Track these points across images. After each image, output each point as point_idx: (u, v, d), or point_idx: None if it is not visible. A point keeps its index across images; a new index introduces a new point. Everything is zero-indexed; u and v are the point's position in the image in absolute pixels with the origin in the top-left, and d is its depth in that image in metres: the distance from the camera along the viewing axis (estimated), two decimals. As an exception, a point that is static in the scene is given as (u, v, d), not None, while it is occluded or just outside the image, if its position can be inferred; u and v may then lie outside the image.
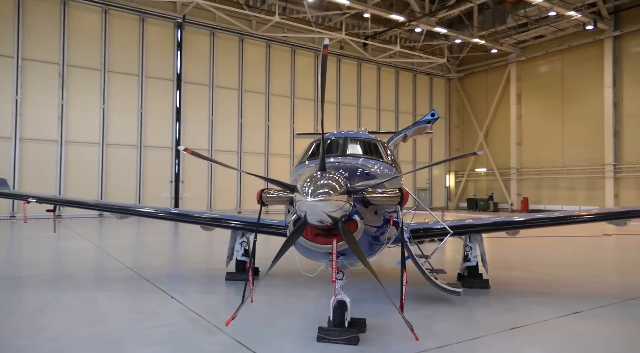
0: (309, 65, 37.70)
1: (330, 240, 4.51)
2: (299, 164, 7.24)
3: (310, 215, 4.18)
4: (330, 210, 4.16)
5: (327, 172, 4.38)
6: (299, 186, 4.28)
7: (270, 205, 4.96)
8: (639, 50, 33.23)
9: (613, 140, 33.68)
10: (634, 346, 5.43)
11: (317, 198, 4.09)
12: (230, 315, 6.70)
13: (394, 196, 4.64)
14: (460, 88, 45.66)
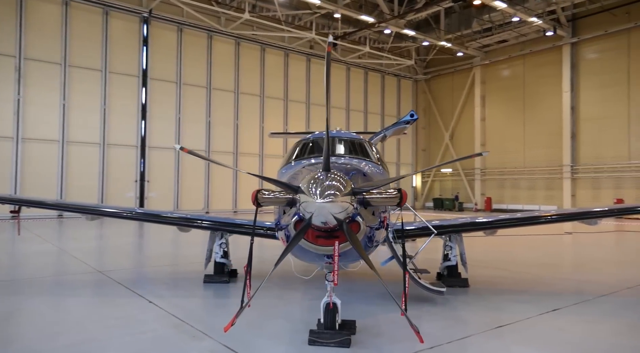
0: (279, 64, 37.44)
1: (332, 242, 4.44)
2: (287, 165, 7.13)
3: (317, 217, 4.09)
4: (337, 211, 4.08)
5: (332, 173, 4.31)
6: (304, 187, 4.18)
7: (265, 206, 4.83)
8: (594, 56, 34.86)
9: (570, 142, 35.18)
10: (615, 342, 5.62)
11: (326, 200, 4.01)
12: (220, 319, 6.55)
13: (393, 197, 4.62)
14: (427, 90, 46.53)
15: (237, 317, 4.30)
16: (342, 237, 4.48)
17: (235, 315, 4.33)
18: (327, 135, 4.54)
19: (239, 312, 4.39)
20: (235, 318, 4.29)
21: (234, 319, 4.28)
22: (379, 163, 7.02)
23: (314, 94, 39.25)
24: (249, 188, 33.13)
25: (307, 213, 4.16)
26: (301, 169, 5.65)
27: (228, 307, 7.42)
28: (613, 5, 31.96)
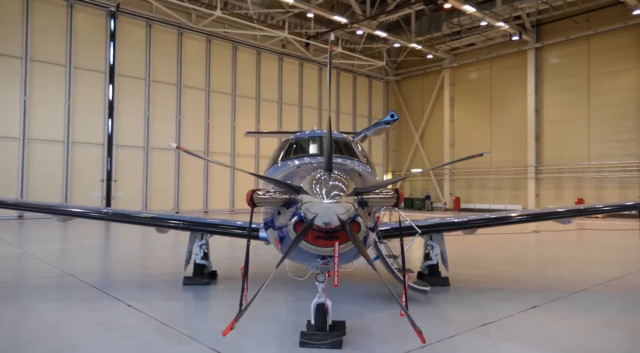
0: (251, 62, 37.08)
1: (332, 243, 4.40)
2: (274, 165, 7.05)
3: (322, 217, 4.03)
4: (342, 212, 4.05)
5: (334, 173, 4.27)
6: (307, 187, 4.12)
7: (261, 206, 4.73)
8: (556, 61, 36.22)
9: (535, 144, 36.42)
10: (594, 336, 5.83)
11: (333, 201, 3.96)
12: (205, 322, 6.40)
13: (390, 197, 4.63)
14: (397, 91, 47.13)
15: (236, 320, 4.20)
16: (342, 238, 4.45)
17: (234, 319, 4.23)
18: (329, 134, 4.48)
19: (238, 315, 4.29)
20: (234, 321, 4.19)
21: (233, 323, 4.18)
22: (366, 162, 7.05)
23: (287, 93, 39.09)
24: (220, 189, 32.69)
25: (310, 214, 4.11)
26: (295, 168, 5.56)
27: (212, 309, 7.28)
28: (574, 13, 33.25)
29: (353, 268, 7.01)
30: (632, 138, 32.13)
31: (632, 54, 32.23)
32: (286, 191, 4.61)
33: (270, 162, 7.47)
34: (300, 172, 5.17)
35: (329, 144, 4.42)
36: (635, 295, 8.27)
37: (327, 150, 4.40)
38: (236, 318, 4.20)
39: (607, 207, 9.68)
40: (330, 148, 4.42)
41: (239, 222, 8.73)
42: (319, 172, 4.33)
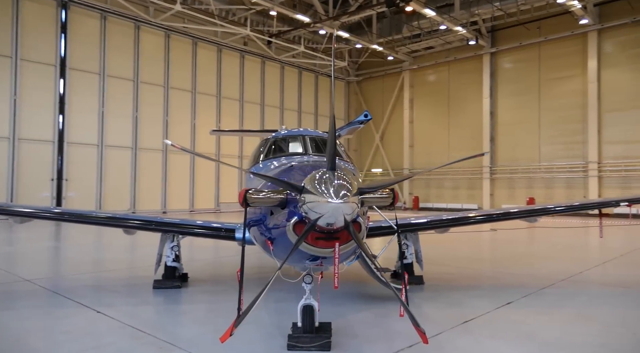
0: (212, 59, 36.29)
1: (333, 244, 4.31)
2: (256, 165, 6.88)
3: (328, 218, 3.93)
4: (349, 212, 3.97)
5: (338, 173, 4.19)
6: (311, 186, 4.01)
7: (255, 206, 4.57)
8: (509, 66, 37.78)
9: (490, 145, 37.80)
10: (569, 331, 6.06)
11: (342, 201, 3.87)
12: (184, 327, 6.14)
13: (386, 197, 4.58)
14: (358, 91, 47.60)
15: (235, 326, 4.04)
16: (342, 239, 4.38)
17: (232, 324, 4.06)
18: (332, 132, 4.38)
19: (237, 320, 4.12)
20: (233, 328, 4.02)
21: (232, 328, 4.01)
22: (350, 161, 7.02)
23: (248, 92, 38.56)
24: (179, 189, 31.82)
25: (313, 214, 4.00)
26: (287, 168, 5.40)
27: (188, 313, 7.01)
28: (527, 20, 34.75)
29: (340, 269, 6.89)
30: (578, 140, 33.97)
31: (578, 62, 34.08)
32: (280, 190, 4.48)
33: (252, 161, 7.30)
34: (295, 171, 5.03)
35: (332, 143, 4.34)
36: (596, 289, 8.70)
37: (329, 149, 4.32)
38: (235, 323, 4.04)
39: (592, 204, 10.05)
40: (334, 147, 4.34)
41: (215, 223, 8.48)
42: (321, 171, 4.24)
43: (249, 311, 4.07)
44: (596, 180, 32.62)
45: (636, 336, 5.88)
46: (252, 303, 4.16)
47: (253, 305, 4.12)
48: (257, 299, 4.15)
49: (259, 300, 4.19)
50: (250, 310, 4.09)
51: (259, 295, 4.18)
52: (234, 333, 4.06)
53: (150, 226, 8.31)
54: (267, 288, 4.19)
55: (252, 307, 4.10)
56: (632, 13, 31.27)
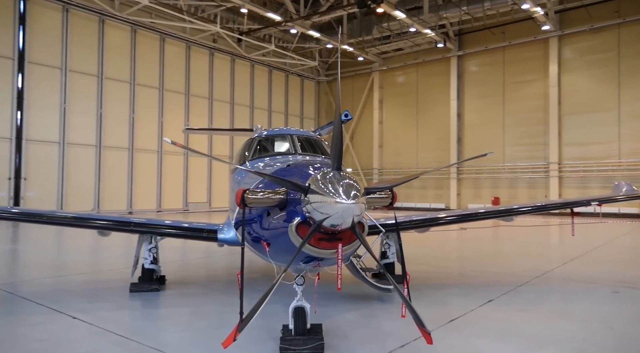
0: (180, 56, 35.48)
1: (336, 245, 4.25)
2: (242, 165, 6.72)
3: (337, 218, 3.85)
4: (359, 212, 3.91)
5: (344, 173, 4.12)
6: (317, 186, 3.92)
7: (253, 206, 4.43)
8: (475, 69, 38.80)
9: (457, 146, 38.70)
10: (552, 327, 6.24)
11: (353, 201, 3.80)
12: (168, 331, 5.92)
13: (386, 197, 4.54)
14: (328, 91, 47.73)
15: (239, 331, 3.90)
16: (345, 239, 4.32)
17: (236, 329, 3.92)
18: (338, 133, 4.30)
19: (241, 325, 3.98)
20: (237, 332, 3.88)
21: (235, 333, 3.87)
22: None
23: (218, 90, 37.94)
24: (145, 188, 30.98)
25: (319, 215, 3.91)
26: (285, 167, 5.25)
27: (171, 317, 6.77)
28: (492, 25, 35.80)
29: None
30: (540, 142, 35.24)
31: (540, 66, 35.37)
32: (279, 190, 4.37)
33: (238, 160, 7.14)
34: (293, 171, 4.91)
35: (340, 142, 4.28)
36: (569, 286, 9.00)
37: (336, 149, 4.26)
38: (238, 328, 3.90)
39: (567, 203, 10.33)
40: (341, 146, 4.28)
41: (199, 224, 8.26)
42: (326, 170, 4.18)
43: (254, 315, 3.95)
44: (557, 181, 33.95)
45: (614, 330, 6.11)
46: (257, 307, 4.03)
47: (257, 310, 4.01)
48: (261, 303, 4.03)
49: (261, 307, 4.06)
50: (255, 314, 3.97)
51: (263, 298, 4.05)
52: (237, 339, 3.93)
53: (128, 227, 8.00)
54: (272, 291, 4.06)
55: (256, 312, 3.98)
56: (590, 21, 32.72)
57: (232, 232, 7.88)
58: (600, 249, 14.34)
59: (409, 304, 4.38)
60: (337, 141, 4.30)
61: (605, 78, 32.61)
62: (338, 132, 4.36)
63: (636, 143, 31.19)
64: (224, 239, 7.93)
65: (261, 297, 4.15)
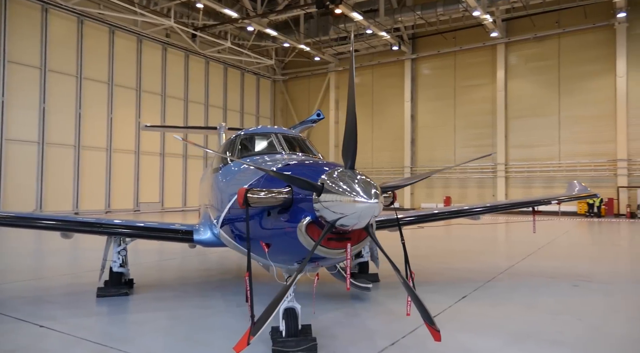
0: (131, 50, 34.05)
1: (344, 245, 4.21)
2: (226, 166, 6.52)
3: (353, 218, 3.80)
4: (377, 212, 3.88)
5: (357, 171, 4.09)
6: (333, 185, 3.85)
7: (256, 206, 4.29)
8: (428, 72, 40.04)
9: (410, 146, 39.76)
10: (526, 321, 6.54)
11: (375, 200, 3.75)
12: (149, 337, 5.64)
13: (387, 196, 4.57)
14: (284, 90, 47.51)
15: (253, 335, 3.76)
16: (354, 239, 4.30)
17: (248, 333, 3.78)
18: (352, 131, 4.23)
19: (253, 329, 3.84)
20: (250, 336, 3.74)
21: (249, 337, 3.73)
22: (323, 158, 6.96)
23: (171, 86, 36.77)
24: (92, 187, 29.50)
25: (334, 215, 3.85)
26: (284, 165, 5.06)
27: (149, 322, 6.46)
28: (444, 30, 37.07)
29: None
30: (488, 144, 36.89)
31: (488, 71, 37.04)
32: (285, 190, 4.27)
33: (220, 160, 6.93)
34: (297, 170, 4.76)
35: (355, 138, 4.24)
36: (531, 280, 9.46)
37: (350, 147, 4.22)
38: (251, 331, 3.77)
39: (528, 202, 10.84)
40: (355, 145, 4.24)
41: (173, 224, 7.95)
42: (339, 169, 4.14)
43: (269, 318, 3.83)
44: (504, 181, 35.68)
45: (583, 322, 6.49)
46: (271, 310, 3.91)
47: (272, 313, 3.89)
48: (276, 305, 3.92)
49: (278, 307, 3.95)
50: (270, 317, 3.85)
51: (278, 300, 3.93)
52: (250, 343, 3.81)
53: (98, 228, 7.57)
54: (286, 294, 3.94)
55: (271, 315, 3.86)
56: (534, 30, 34.64)
57: (209, 232, 7.66)
58: (550, 246, 15.20)
59: (420, 301, 4.39)
60: (352, 137, 4.25)
61: (547, 84, 34.66)
62: (353, 128, 4.30)
63: (574, 145, 33.38)
64: (201, 240, 7.70)
65: (275, 299, 4.01)
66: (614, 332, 6.15)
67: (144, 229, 7.76)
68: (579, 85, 33.34)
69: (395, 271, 4.46)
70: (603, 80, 32.40)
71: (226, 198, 5.76)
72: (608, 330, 6.22)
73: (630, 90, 31.25)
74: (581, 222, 26.92)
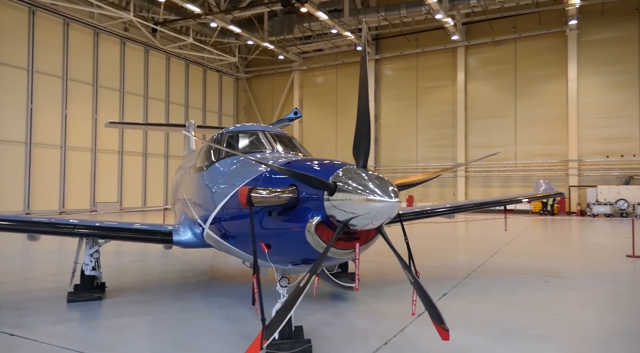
0: (87, 43, 32.55)
1: (353, 245, 4.15)
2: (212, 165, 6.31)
3: (371, 218, 3.72)
4: (395, 212, 3.82)
5: (371, 170, 4.03)
6: (348, 184, 3.77)
7: (260, 206, 4.15)
8: (391, 73, 40.68)
9: (374, 146, 40.24)
10: (508, 316, 6.73)
11: (397, 199, 3.68)
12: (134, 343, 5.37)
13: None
14: (248, 88, 46.92)
15: (266, 339, 3.62)
16: (362, 238, 4.24)
17: (260, 337, 3.64)
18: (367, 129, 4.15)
19: (266, 332, 3.70)
20: (263, 340, 3.60)
21: (262, 342, 3.59)
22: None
23: (130, 82, 35.43)
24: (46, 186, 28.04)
25: (346, 214, 3.77)
26: (284, 163, 4.91)
27: (130, 328, 6.16)
28: (407, 32, 37.77)
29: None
30: (448, 144, 37.91)
31: (449, 73, 38.06)
32: (290, 189, 4.15)
33: (205, 158, 6.70)
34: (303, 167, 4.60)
35: (367, 139, 4.18)
36: (506, 277, 9.76)
37: (363, 146, 4.16)
38: (264, 335, 3.63)
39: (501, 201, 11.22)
40: (368, 144, 4.19)
41: (150, 225, 7.62)
42: (351, 167, 4.08)
43: (283, 321, 3.71)
44: (464, 180, 36.78)
45: (560, 316, 6.75)
46: (285, 313, 3.78)
47: (287, 316, 3.76)
48: (290, 308, 3.79)
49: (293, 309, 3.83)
50: (285, 320, 3.74)
51: (293, 302, 3.80)
52: (264, 348, 3.68)
53: (71, 230, 7.15)
54: (303, 294, 3.82)
55: (285, 317, 3.74)
56: (492, 34, 35.87)
57: (190, 233, 7.42)
58: (514, 243, 15.77)
59: (430, 300, 4.39)
60: (366, 136, 4.20)
61: (504, 87, 36.01)
62: (366, 126, 4.24)
63: (529, 146, 34.84)
64: (181, 241, 7.43)
65: (289, 301, 3.86)
66: (589, 325, 6.44)
67: (119, 230, 7.41)
68: (533, 88, 34.84)
69: (405, 270, 4.43)
70: (556, 84, 34.01)
71: (218, 197, 5.56)
72: (584, 323, 6.51)
73: (580, 94, 32.97)
74: (536, 219, 28.14)
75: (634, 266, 11.23)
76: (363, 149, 4.19)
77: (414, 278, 4.40)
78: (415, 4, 33.68)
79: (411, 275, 4.40)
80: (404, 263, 4.41)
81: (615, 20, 32.35)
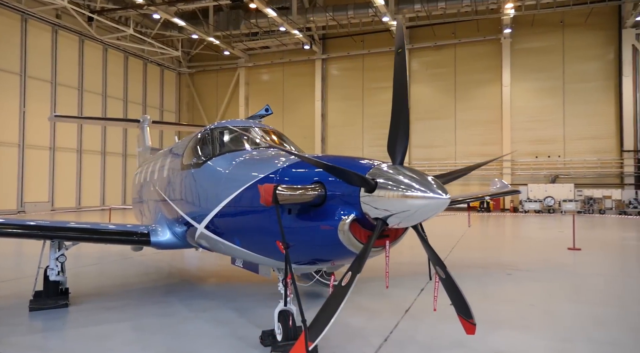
0: (14, 29, 29.88)
1: (383, 242, 4.09)
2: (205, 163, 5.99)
3: (414, 216, 3.66)
4: (442, 209, 3.78)
5: (407, 167, 3.99)
6: (390, 181, 3.70)
7: (286, 203, 3.98)
8: (338, 73, 41.16)
9: (321, 145, 40.51)
10: (493, 309, 7.03)
11: (447, 196, 3.63)
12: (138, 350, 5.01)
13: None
14: (191, 84, 45.40)
15: (312, 341, 3.47)
16: (392, 235, 4.20)
17: (304, 339, 3.48)
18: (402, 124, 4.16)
19: (311, 333, 3.54)
20: (310, 342, 3.45)
21: (306, 343, 3.44)
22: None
23: (63, 73, 33.02)
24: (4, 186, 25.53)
25: (383, 212, 3.69)
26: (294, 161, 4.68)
27: (114, 336, 5.71)
28: (354, 33, 38.38)
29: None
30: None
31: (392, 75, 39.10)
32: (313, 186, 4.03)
33: (193, 155, 6.36)
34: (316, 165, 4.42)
35: (405, 135, 4.13)
36: (472, 271, 10.20)
37: (401, 142, 4.11)
38: (309, 337, 3.48)
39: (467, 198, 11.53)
40: (406, 141, 4.14)
41: (124, 226, 7.12)
42: (387, 164, 4.03)
43: (329, 322, 3.58)
44: (407, 179, 37.96)
45: (536, 307, 7.16)
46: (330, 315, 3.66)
47: (332, 317, 3.65)
48: (336, 309, 3.68)
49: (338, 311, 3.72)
50: (330, 322, 3.62)
51: (338, 304, 3.69)
52: (309, 350, 3.54)
53: (36, 232, 6.52)
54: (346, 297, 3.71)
55: (331, 319, 3.62)
56: (434, 39, 37.39)
57: (169, 233, 7.05)
58: (465, 238, 16.51)
59: (461, 294, 4.44)
60: (404, 132, 4.16)
61: (445, 90, 37.67)
62: (404, 122, 4.21)
63: (467, 147, 36.70)
64: (159, 242, 7.04)
65: (333, 301, 3.79)
66: (565, 315, 6.87)
67: (92, 232, 6.86)
68: (471, 91, 36.74)
69: (436, 266, 4.44)
70: (491, 88, 36.09)
71: (219, 195, 5.28)
72: (559, 313, 6.94)
73: (513, 98, 35.23)
74: (475, 216, 29.69)
75: (577, 258, 12.18)
76: (401, 145, 4.18)
77: (445, 274, 4.42)
78: (362, 5, 34.29)
79: (444, 271, 4.42)
80: (436, 259, 4.42)
81: (543, 31, 34.91)
